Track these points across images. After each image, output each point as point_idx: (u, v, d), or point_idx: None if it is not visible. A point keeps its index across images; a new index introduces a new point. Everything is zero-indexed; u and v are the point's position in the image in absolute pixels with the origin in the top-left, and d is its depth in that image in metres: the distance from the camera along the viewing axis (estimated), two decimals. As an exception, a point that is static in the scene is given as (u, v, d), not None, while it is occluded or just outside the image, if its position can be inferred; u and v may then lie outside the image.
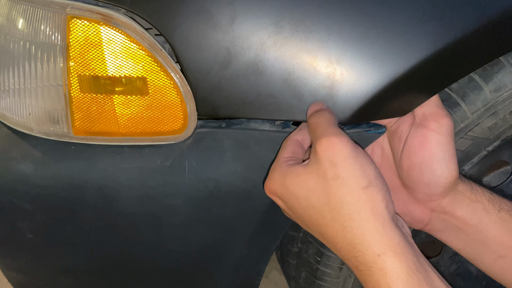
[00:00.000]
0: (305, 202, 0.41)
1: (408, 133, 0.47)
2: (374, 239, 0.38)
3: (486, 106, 0.54)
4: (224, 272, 0.59)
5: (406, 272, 0.36)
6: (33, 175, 0.50)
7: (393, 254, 0.37)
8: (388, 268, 0.36)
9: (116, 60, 0.45)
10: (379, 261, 0.37)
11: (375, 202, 0.39)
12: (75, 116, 0.47)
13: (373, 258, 0.37)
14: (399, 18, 0.44)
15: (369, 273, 0.37)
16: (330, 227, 0.40)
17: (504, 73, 0.54)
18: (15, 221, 0.54)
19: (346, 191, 0.39)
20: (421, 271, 0.37)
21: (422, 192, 0.48)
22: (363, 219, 0.38)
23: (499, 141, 0.58)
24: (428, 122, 0.46)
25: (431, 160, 0.46)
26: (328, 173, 0.40)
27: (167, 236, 0.54)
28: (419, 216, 0.50)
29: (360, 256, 0.38)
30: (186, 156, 0.49)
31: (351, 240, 0.39)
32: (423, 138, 0.46)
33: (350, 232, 0.39)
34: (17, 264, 0.62)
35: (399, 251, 0.37)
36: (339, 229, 0.39)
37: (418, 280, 0.36)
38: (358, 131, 0.49)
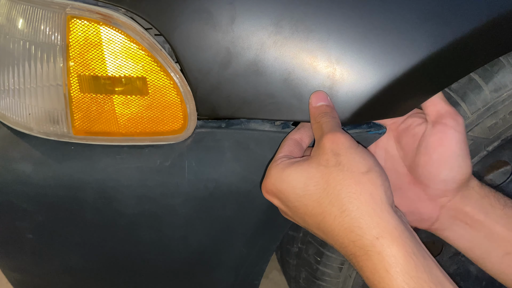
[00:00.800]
0: (302, 191, 0.41)
1: (424, 130, 0.48)
2: (373, 222, 0.38)
3: (486, 106, 0.54)
4: (224, 272, 0.59)
5: (404, 256, 0.36)
6: (33, 175, 0.50)
7: (391, 238, 0.37)
8: (386, 252, 0.36)
9: (116, 60, 0.45)
10: (378, 245, 0.37)
11: (375, 186, 0.39)
12: (75, 116, 0.47)
13: (371, 242, 0.37)
14: (399, 18, 0.44)
15: (367, 258, 0.37)
16: (327, 214, 0.40)
17: (504, 73, 0.54)
18: (14, 221, 0.54)
19: (347, 175, 0.40)
20: (419, 257, 0.37)
21: (437, 188, 0.49)
22: (362, 201, 0.38)
23: (499, 141, 0.58)
24: (445, 120, 0.47)
25: (450, 156, 0.47)
26: (330, 161, 0.41)
27: (167, 236, 0.54)
28: (429, 213, 0.50)
29: (358, 241, 0.38)
30: (186, 156, 0.49)
31: (349, 224, 0.38)
32: (442, 135, 0.47)
33: (348, 215, 0.38)
34: (17, 264, 0.62)
35: (397, 235, 0.37)
36: (337, 214, 0.39)
37: (416, 265, 0.36)
38: (359, 132, 0.49)
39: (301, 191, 0.42)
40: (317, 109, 0.45)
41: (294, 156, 0.46)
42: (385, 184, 0.40)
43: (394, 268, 0.36)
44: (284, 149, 0.46)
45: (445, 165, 0.47)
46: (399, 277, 0.36)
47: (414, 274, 0.36)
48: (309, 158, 0.43)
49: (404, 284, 0.35)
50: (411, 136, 0.50)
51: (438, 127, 0.47)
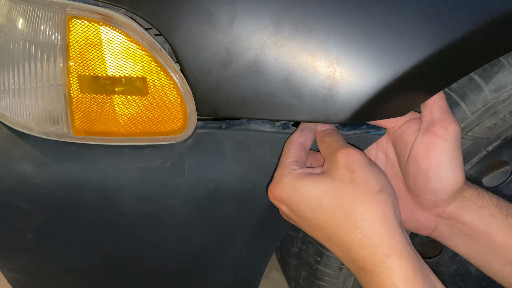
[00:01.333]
0: (316, 204, 0.42)
1: (415, 139, 0.47)
2: (384, 240, 0.39)
3: (486, 106, 0.54)
4: (224, 272, 0.59)
5: (412, 273, 0.38)
6: (33, 175, 0.50)
7: (400, 256, 0.38)
8: (395, 268, 0.38)
9: (116, 60, 0.45)
10: (388, 261, 0.38)
11: (387, 206, 0.41)
12: (75, 116, 0.47)
13: (381, 258, 0.38)
14: (399, 18, 0.44)
15: (376, 273, 0.38)
16: (340, 228, 0.41)
17: (504, 73, 0.54)
18: (14, 221, 0.54)
19: (362, 193, 0.41)
20: (424, 274, 0.39)
21: (428, 199, 0.48)
22: (375, 220, 0.40)
23: (499, 141, 0.58)
24: (435, 128, 0.46)
25: (438, 167, 0.46)
26: (345, 176, 0.42)
27: (167, 237, 0.54)
28: (425, 222, 0.50)
29: (369, 257, 0.39)
30: (186, 156, 0.49)
31: (361, 241, 0.40)
32: (430, 145, 0.46)
33: (361, 232, 0.40)
34: (17, 264, 0.62)
35: (405, 254, 0.39)
36: (350, 229, 0.40)
37: (423, 281, 0.38)
38: (358, 133, 0.49)
39: (314, 204, 0.42)
40: (322, 132, 0.48)
41: (302, 161, 0.46)
42: (395, 203, 0.42)
43: (403, 283, 0.37)
44: (292, 154, 0.46)
45: (433, 176, 0.46)
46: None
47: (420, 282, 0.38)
48: (324, 172, 0.44)
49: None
50: (404, 143, 0.49)
51: (427, 136, 0.46)
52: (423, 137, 0.47)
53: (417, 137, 0.47)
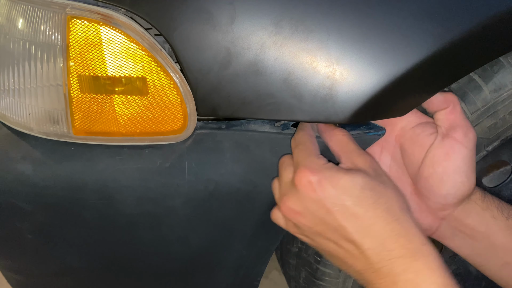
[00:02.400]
0: (359, 192, 0.43)
1: (433, 142, 0.48)
2: (418, 232, 0.43)
3: (485, 106, 0.54)
4: (224, 272, 0.59)
5: (442, 260, 0.41)
6: (33, 176, 0.50)
7: (431, 246, 0.42)
8: (434, 254, 0.41)
9: (116, 60, 0.45)
10: (424, 249, 0.41)
11: (407, 206, 0.45)
12: (75, 116, 0.47)
13: (418, 247, 0.41)
14: (399, 18, 0.44)
15: (416, 259, 0.41)
16: (380, 218, 0.42)
17: (504, 73, 0.54)
18: (14, 221, 0.54)
19: (394, 193, 0.44)
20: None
21: (437, 202, 0.49)
22: (407, 215, 0.43)
23: (498, 141, 0.58)
24: (456, 134, 0.46)
25: (455, 172, 0.46)
26: (376, 178, 0.44)
27: (166, 237, 0.54)
28: (428, 224, 0.51)
29: (408, 244, 0.41)
30: (185, 157, 0.49)
31: (401, 231, 0.42)
32: (450, 149, 0.46)
33: (400, 224, 0.42)
34: (16, 265, 0.62)
35: (430, 244, 0.42)
36: (391, 220, 0.42)
37: (448, 270, 0.41)
38: (358, 133, 0.49)
39: (357, 191, 0.43)
40: (329, 127, 0.49)
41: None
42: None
43: (440, 269, 0.40)
44: (316, 147, 0.47)
45: (448, 180, 0.47)
46: (446, 274, 0.40)
47: (450, 274, 0.41)
48: (353, 169, 0.45)
49: (449, 280, 0.40)
50: (418, 146, 0.49)
51: (448, 140, 0.47)
52: (442, 141, 0.47)
53: (435, 141, 0.47)
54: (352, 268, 0.45)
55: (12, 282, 0.65)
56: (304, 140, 0.47)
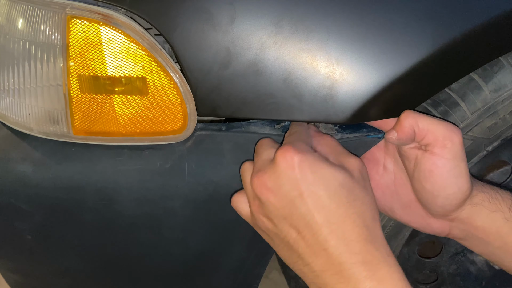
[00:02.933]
0: (335, 186, 0.41)
1: (416, 157, 0.46)
2: (385, 244, 0.43)
3: (486, 106, 0.54)
4: (223, 274, 0.58)
5: (404, 275, 0.42)
6: (33, 176, 0.50)
7: (394, 257, 0.43)
8: (396, 266, 0.42)
9: (115, 60, 0.45)
10: (389, 260, 0.41)
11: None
12: (74, 116, 0.47)
13: (383, 256, 0.42)
14: (399, 18, 0.44)
15: (381, 267, 0.41)
16: (351, 220, 0.41)
17: (504, 73, 0.54)
18: (14, 221, 0.54)
19: (372, 200, 0.44)
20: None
21: (437, 211, 0.48)
22: (378, 225, 0.44)
23: (498, 141, 0.58)
24: (434, 148, 0.44)
25: (443, 185, 0.45)
26: (360, 182, 0.44)
27: (166, 239, 0.54)
28: (439, 228, 0.50)
29: (375, 251, 0.41)
30: (185, 158, 0.49)
31: (368, 237, 0.42)
32: (432, 166, 0.45)
33: (370, 231, 0.42)
34: (16, 265, 0.62)
35: (394, 257, 0.44)
36: (361, 225, 0.42)
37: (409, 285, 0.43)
38: (358, 136, 0.49)
39: (333, 186, 0.41)
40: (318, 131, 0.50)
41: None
42: None
43: (403, 281, 0.41)
44: (308, 138, 0.46)
45: (439, 195, 0.46)
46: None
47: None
48: (339, 166, 0.43)
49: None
50: (406, 159, 0.48)
51: (428, 156, 0.45)
52: (425, 158, 0.45)
53: (417, 157, 0.46)
54: (309, 267, 0.42)
55: (11, 282, 0.65)
56: (300, 130, 0.47)
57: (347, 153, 0.46)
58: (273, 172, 0.42)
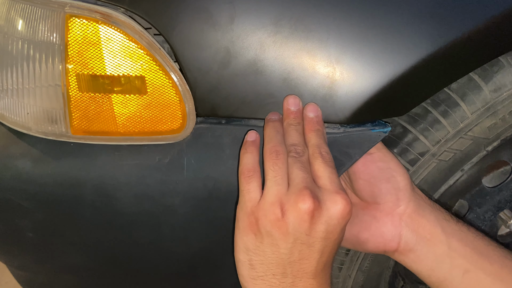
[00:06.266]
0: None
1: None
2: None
3: (485, 106, 0.54)
4: (226, 272, 0.58)
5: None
6: (32, 173, 0.50)
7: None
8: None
9: (114, 59, 0.45)
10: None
11: None
12: (73, 116, 0.47)
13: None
14: (398, 17, 0.44)
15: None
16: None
17: (504, 73, 0.54)
18: (14, 219, 0.54)
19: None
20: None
21: (388, 200, 0.49)
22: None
23: (498, 141, 0.58)
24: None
25: (378, 175, 0.49)
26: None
27: (166, 235, 0.54)
28: (391, 231, 0.50)
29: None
30: (184, 153, 0.49)
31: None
32: (363, 160, 0.49)
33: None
34: (19, 262, 0.62)
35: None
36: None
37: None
38: (362, 130, 0.48)
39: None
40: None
41: None
42: None
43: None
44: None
45: (380, 182, 0.48)
46: None
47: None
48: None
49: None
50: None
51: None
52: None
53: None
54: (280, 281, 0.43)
55: (18, 278, 0.66)
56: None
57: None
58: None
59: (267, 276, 0.42)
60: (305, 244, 0.41)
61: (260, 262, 0.43)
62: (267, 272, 0.42)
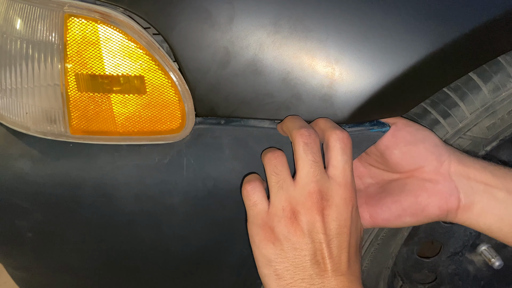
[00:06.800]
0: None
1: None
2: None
3: (484, 106, 0.54)
4: (225, 272, 0.58)
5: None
6: (31, 173, 0.50)
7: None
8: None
9: (113, 58, 0.45)
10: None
11: None
12: (72, 116, 0.47)
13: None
14: (398, 17, 0.44)
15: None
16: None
17: (503, 73, 0.54)
18: (13, 219, 0.54)
19: None
20: None
21: (430, 159, 0.48)
22: None
23: (497, 141, 0.58)
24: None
25: (412, 138, 0.48)
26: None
27: (166, 235, 0.54)
28: (446, 187, 0.48)
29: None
30: (184, 153, 0.49)
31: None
32: (392, 132, 0.49)
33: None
34: (18, 262, 0.62)
35: None
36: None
37: None
38: (361, 130, 0.49)
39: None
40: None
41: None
42: None
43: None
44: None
45: (416, 145, 0.48)
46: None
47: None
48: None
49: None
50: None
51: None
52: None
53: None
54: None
55: (16, 279, 0.65)
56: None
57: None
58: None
59: (296, 281, 0.41)
60: (323, 243, 0.41)
61: (285, 269, 0.42)
62: (294, 277, 0.41)
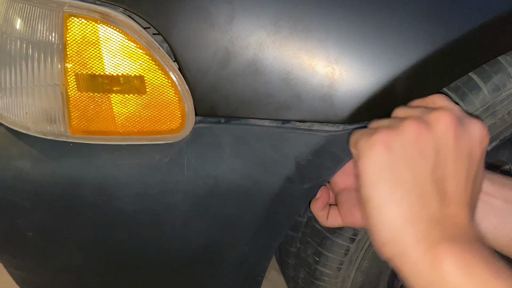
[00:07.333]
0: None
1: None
2: None
3: (484, 106, 0.54)
4: (226, 269, 0.58)
5: None
6: (31, 173, 0.50)
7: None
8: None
9: (113, 58, 0.45)
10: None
11: None
12: (72, 115, 0.47)
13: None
14: (398, 17, 0.44)
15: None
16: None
17: (503, 73, 0.54)
18: (14, 218, 0.54)
19: None
20: None
21: None
22: None
23: (497, 141, 0.58)
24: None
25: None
26: None
27: (167, 234, 0.54)
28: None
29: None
30: (185, 152, 0.49)
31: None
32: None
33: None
34: (19, 262, 0.62)
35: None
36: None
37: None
38: (360, 128, 0.49)
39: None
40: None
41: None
42: None
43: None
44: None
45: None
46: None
47: None
48: None
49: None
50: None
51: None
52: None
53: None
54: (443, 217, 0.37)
55: (16, 279, 0.65)
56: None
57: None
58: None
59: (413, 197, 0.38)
60: (450, 157, 0.38)
61: (403, 187, 0.38)
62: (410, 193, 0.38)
